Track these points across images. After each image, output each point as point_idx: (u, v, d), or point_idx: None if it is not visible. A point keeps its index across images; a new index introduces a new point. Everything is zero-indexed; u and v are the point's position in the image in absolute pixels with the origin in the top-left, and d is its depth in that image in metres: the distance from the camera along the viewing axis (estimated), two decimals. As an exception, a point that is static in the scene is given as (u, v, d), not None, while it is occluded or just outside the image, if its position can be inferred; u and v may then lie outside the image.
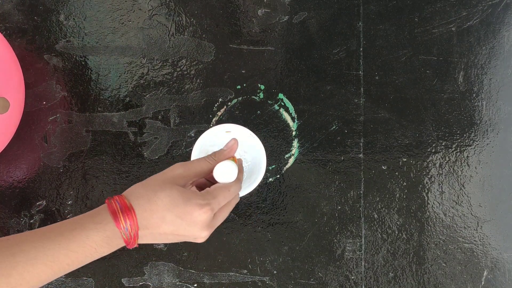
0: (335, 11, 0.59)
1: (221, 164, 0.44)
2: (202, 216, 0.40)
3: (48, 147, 0.58)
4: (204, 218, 0.40)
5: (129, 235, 0.39)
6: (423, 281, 0.58)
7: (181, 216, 0.40)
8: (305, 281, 0.58)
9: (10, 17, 0.58)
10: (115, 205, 0.39)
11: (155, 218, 0.39)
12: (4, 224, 0.57)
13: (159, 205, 0.39)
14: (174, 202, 0.40)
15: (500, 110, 0.59)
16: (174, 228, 0.40)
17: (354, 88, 0.59)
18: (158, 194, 0.40)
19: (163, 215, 0.39)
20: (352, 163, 0.58)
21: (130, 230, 0.39)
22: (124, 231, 0.39)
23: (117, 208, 0.39)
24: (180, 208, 0.39)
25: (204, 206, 0.40)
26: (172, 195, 0.40)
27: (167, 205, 0.39)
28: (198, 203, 0.40)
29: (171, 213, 0.39)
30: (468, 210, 0.59)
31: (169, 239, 0.42)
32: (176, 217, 0.40)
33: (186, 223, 0.40)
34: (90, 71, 0.58)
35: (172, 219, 0.40)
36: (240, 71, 0.58)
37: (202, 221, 0.40)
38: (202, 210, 0.40)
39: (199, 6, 0.59)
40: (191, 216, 0.40)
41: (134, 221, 0.39)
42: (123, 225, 0.38)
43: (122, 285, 0.57)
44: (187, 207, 0.40)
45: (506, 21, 0.59)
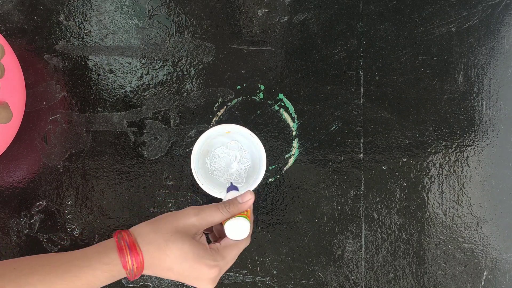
0: (335, 11, 0.59)
1: (234, 221, 0.43)
2: (210, 275, 0.41)
3: (48, 147, 0.58)
4: (212, 277, 0.41)
5: (134, 274, 0.40)
6: (423, 281, 0.58)
7: (189, 271, 0.40)
8: (305, 281, 0.58)
9: (10, 17, 0.58)
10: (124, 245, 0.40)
11: (163, 266, 0.40)
12: (4, 224, 0.57)
13: (168, 256, 0.40)
14: (185, 257, 0.40)
15: (500, 110, 0.59)
16: (179, 277, 0.41)
17: (354, 88, 0.59)
18: (169, 245, 0.40)
19: (171, 266, 0.40)
20: (352, 163, 0.58)
21: (135, 271, 0.40)
22: (129, 271, 0.40)
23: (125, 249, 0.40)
24: (189, 263, 0.40)
25: (213, 267, 0.41)
26: (183, 248, 0.40)
27: (177, 258, 0.40)
28: (207, 264, 0.41)
29: (180, 266, 0.40)
30: (468, 210, 0.59)
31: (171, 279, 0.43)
32: (184, 271, 0.40)
33: (193, 277, 0.41)
34: (90, 71, 0.58)
35: (180, 272, 0.41)
36: (240, 71, 0.58)
37: (209, 279, 0.41)
38: (211, 270, 0.41)
39: (199, 6, 0.59)
40: (199, 273, 0.41)
41: (140, 264, 0.40)
42: (130, 267, 0.39)
43: (122, 285, 0.57)
44: (196, 264, 0.40)
45: (506, 21, 0.59)
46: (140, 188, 0.58)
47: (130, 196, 0.58)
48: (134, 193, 0.58)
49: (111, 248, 0.40)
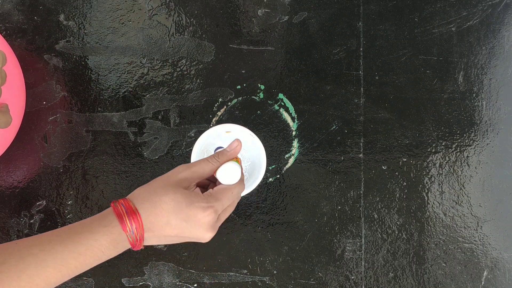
0: (335, 11, 0.59)
1: (224, 166, 0.44)
2: (206, 218, 0.40)
3: (48, 147, 0.58)
4: (208, 220, 0.41)
5: (134, 237, 0.39)
6: (423, 281, 0.58)
7: (185, 219, 0.40)
8: (305, 281, 0.58)
9: (10, 17, 0.58)
10: (121, 208, 0.40)
11: (160, 221, 0.40)
12: (4, 224, 0.57)
13: (163, 209, 0.40)
14: (178, 206, 0.40)
15: (500, 110, 0.59)
16: (179, 231, 0.41)
17: (354, 88, 0.59)
18: (162, 198, 0.40)
19: (168, 219, 0.40)
20: (352, 163, 0.58)
21: (136, 233, 0.39)
22: (130, 234, 0.39)
23: (122, 212, 0.40)
24: (184, 212, 0.40)
25: (208, 208, 0.41)
26: (176, 198, 0.40)
27: (171, 208, 0.40)
28: (201, 206, 0.40)
29: (176, 216, 0.40)
30: (468, 210, 0.59)
31: (173, 241, 0.42)
32: (181, 221, 0.40)
33: (191, 225, 0.41)
34: (90, 71, 0.58)
35: (177, 223, 0.40)
36: (240, 71, 0.58)
37: (206, 223, 0.41)
38: (206, 212, 0.40)
39: (199, 6, 0.59)
40: (195, 218, 0.40)
41: (139, 224, 0.39)
42: (129, 228, 0.39)
43: (122, 285, 0.57)
44: (191, 210, 0.40)
45: (506, 21, 0.59)
46: (140, 188, 0.58)
47: (130, 196, 0.57)
48: (134, 193, 0.58)
49: (109, 212, 0.41)
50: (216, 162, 0.44)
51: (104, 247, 0.39)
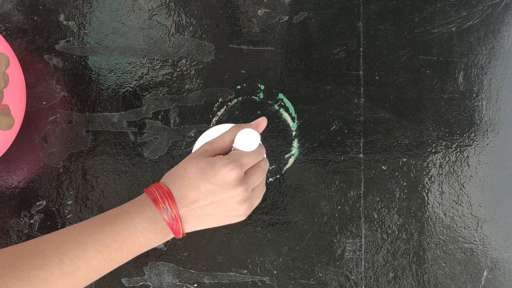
0: (335, 11, 0.59)
1: (242, 131, 0.43)
2: (230, 173, 0.40)
3: (48, 147, 0.58)
4: (233, 176, 0.40)
5: (170, 215, 0.39)
6: (423, 281, 0.58)
7: (211, 181, 0.40)
8: (305, 281, 0.58)
9: (10, 17, 0.58)
10: (153, 190, 0.41)
11: (190, 191, 0.40)
12: (4, 224, 0.57)
13: (190, 178, 0.41)
14: (203, 170, 0.41)
15: (500, 110, 0.59)
16: (210, 195, 0.41)
17: (354, 88, 0.59)
18: (187, 169, 0.41)
19: (196, 185, 0.40)
20: (352, 163, 0.58)
21: (170, 210, 0.39)
22: (164, 211, 0.39)
23: (154, 192, 0.40)
24: (209, 173, 0.40)
25: (229, 163, 0.40)
26: (199, 165, 0.41)
27: (196, 175, 0.41)
28: (223, 163, 0.40)
29: (203, 180, 0.40)
30: (468, 210, 0.59)
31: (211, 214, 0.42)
32: (208, 183, 0.40)
33: (219, 185, 0.40)
34: (90, 71, 0.58)
35: (206, 187, 0.40)
36: (240, 71, 0.58)
37: (231, 179, 0.40)
38: (228, 167, 0.40)
39: (199, 6, 0.59)
40: (219, 176, 0.40)
41: (171, 200, 0.40)
42: (162, 205, 0.39)
43: (122, 285, 0.57)
44: (213, 169, 0.40)
45: (506, 21, 0.59)
46: (140, 188, 0.58)
47: (130, 196, 0.57)
48: (134, 193, 0.58)
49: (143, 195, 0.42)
50: (235, 131, 0.44)
51: (141, 227, 0.39)
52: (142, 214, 0.39)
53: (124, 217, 0.39)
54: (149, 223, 0.39)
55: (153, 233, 0.40)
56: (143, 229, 0.39)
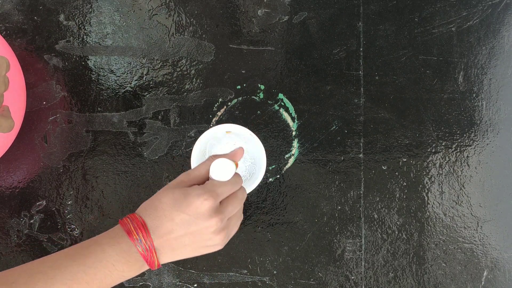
0: (335, 11, 0.59)
1: (216, 161, 0.43)
2: (204, 204, 0.40)
3: (48, 147, 0.58)
4: (207, 206, 0.40)
5: (144, 247, 0.39)
6: (423, 281, 0.58)
7: (185, 211, 0.40)
8: (305, 281, 0.58)
9: (10, 17, 0.58)
10: (127, 221, 0.40)
11: (165, 222, 0.40)
12: (4, 224, 0.57)
13: (165, 209, 0.40)
14: (177, 201, 0.40)
15: (500, 110, 0.59)
16: (185, 226, 0.40)
17: (354, 88, 0.59)
18: (162, 200, 0.41)
19: (171, 216, 0.40)
20: (352, 163, 0.58)
21: (144, 241, 0.39)
22: (138, 243, 0.39)
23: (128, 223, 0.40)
24: (183, 204, 0.40)
25: (203, 194, 0.40)
26: (174, 196, 0.41)
27: (171, 206, 0.40)
28: (197, 193, 0.40)
29: (177, 211, 0.40)
30: (468, 210, 0.59)
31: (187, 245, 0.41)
32: (183, 214, 0.40)
33: (193, 216, 0.40)
34: (90, 71, 0.58)
35: (180, 218, 0.40)
36: (240, 71, 0.58)
37: (206, 209, 0.40)
38: (202, 197, 0.40)
39: (199, 6, 0.59)
40: (194, 207, 0.40)
41: (145, 231, 0.39)
42: (135, 236, 0.39)
43: (122, 285, 0.57)
44: (187, 200, 0.40)
45: (506, 21, 0.59)
46: (140, 188, 0.58)
47: (130, 196, 0.58)
48: (134, 193, 0.58)
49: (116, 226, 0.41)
50: (211, 161, 0.44)
51: (113, 259, 0.38)
52: (114, 245, 0.39)
53: (95, 249, 0.39)
54: (122, 256, 0.39)
55: (127, 265, 0.39)
56: (115, 261, 0.39)
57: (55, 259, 0.38)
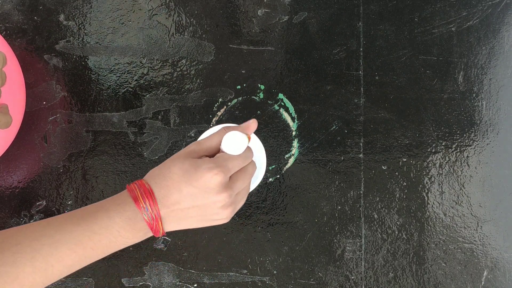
0: (335, 11, 0.59)
1: (229, 134, 0.41)
2: (214, 178, 0.39)
3: (48, 147, 0.58)
4: (217, 181, 0.39)
5: (150, 215, 0.38)
6: (423, 281, 0.58)
7: (194, 184, 0.39)
8: (305, 281, 0.58)
9: (10, 17, 0.58)
10: (134, 187, 0.39)
11: (173, 192, 0.39)
12: (4, 224, 0.57)
13: (174, 179, 0.39)
14: (187, 172, 0.39)
15: (500, 110, 0.59)
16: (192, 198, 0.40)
17: (354, 88, 0.59)
18: (171, 169, 0.40)
19: (179, 187, 0.39)
20: (352, 163, 0.58)
21: (150, 210, 0.38)
22: (144, 211, 0.38)
23: (136, 190, 0.39)
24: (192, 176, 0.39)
25: (214, 168, 0.39)
26: (183, 166, 0.40)
27: (180, 176, 0.39)
28: (207, 167, 0.39)
29: (186, 183, 0.39)
30: (468, 210, 0.59)
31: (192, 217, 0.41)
32: (191, 186, 0.39)
33: (202, 189, 0.39)
34: (90, 71, 0.58)
35: (188, 190, 0.39)
36: (240, 71, 0.58)
37: (215, 184, 0.39)
38: (213, 172, 0.39)
39: (199, 6, 0.59)
40: (203, 181, 0.39)
41: (153, 200, 0.39)
42: (142, 204, 0.38)
43: (122, 285, 0.57)
44: (197, 173, 0.39)
45: (506, 21, 0.59)
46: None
47: (130, 196, 0.57)
48: (134, 193, 0.58)
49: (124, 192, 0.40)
50: (224, 132, 0.43)
51: (119, 226, 0.38)
52: (121, 213, 0.38)
53: (102, 215, 0.38)
54: (127, 223, 0.38)
55: (131, 232, 0.39)
56: (121, 228, 0.38)
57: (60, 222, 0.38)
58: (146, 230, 0.39)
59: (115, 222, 0.38)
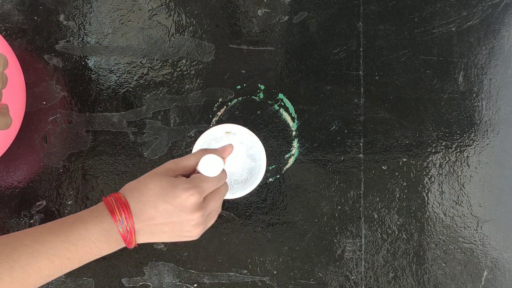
0: (335, 11, 0.59)
1: (206, 157, 0.44)
2: (190, 199, 0.41)
3: (48, 147, 0.58)
4: (193, 201, 0.41)
5: (125, 228, 0.40)
6: (423, 281, 0.58)
7: (170, 202, 0.41)
8: (305, 281, 0.58)
9: (10, 17, 0.58)
10: (111, 200, 0.41)
11: (148, 208, 0.41)
12: (4, 224, 0.57)
13: (150, 195, 0.41)
14: (164, 190, 0.41)
15: (500, 110, 0.59)
16: (167, 215, 0.41)
17: (354, 88, 0.59)
18: (148, 186, 0.42)
19: (155, 204, 0.41)
20: (352, 163, 0.58)
21: (126, 223, 0.40)
22: (120, 224, 0.40)
23: (112, 202, 0.41)
24: (169, 195, 0.41)
25: (190, 189, 0.41)
26: (161, 184, 0.41)
27: (157, 193, 0.41)
28: (184, 187, 0.41)
29: (162, 200, 0.41)
30: (468, 210, 0.59)
31: (165, 232, 0.42)
32: (167, 204, 0.41)
33: (177, 208, 0.41)
34: (90, 71, 0.58)
35: (164, 207, 0.41)
36: (240, 71, 0.58)
37: (191, 204, 0.41)
38: (189, 192, 0.41)
39: (199, 6, 0.59)
40: (179, 200, 0.41)
41: (128, 213, 0.40)
42: (118, 217, 0.40)
43: (122, 285, 0.57)
44: (174, 192, 0.41)
45: (506, 21, 0.59)
46: (140, 188, 0.58)
47: (130, 196, 0.57)
48: (134, 193, 0.58)
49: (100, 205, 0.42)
50: (201, 154, 0.45)
51: (95, 238, 0.39)
52: (98, 225, 0.40)
53: (79, 227, 0.39)
54: (103, 234, 0.40)
55: (107, 243, 0.40)
56: (96, 240, 0.40)
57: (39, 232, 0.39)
58: (120, 241, 0.41)
59: (91, 233, 0.39)
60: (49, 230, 0.39)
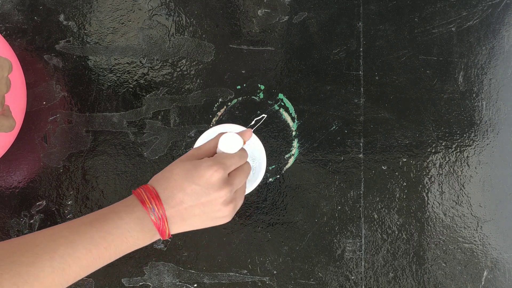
0: (335, 11, 0.59)
1: (225, 135, 0.44)
2: (215, 175, 0.41)
3: (48, 147, 0.58)
4: (218, 177, 0.41)
5: (157, 215, 0.41)
6: (423, 281, 0.58)
7: (197, 182, 0.41)
8: (305, 281, 0.58)
9: (10, 17, 0.58)
10: (140, 191, 0.42)
11: (176, 192, 0.41)
12: (4, 224, 0.57)
13: (176, 180, 0.42)
14: (189, 172, 0.42)
15: (500, 110, 0.59)
16: (195, 196, 0.42)
17: (354, 88, 0.59)
18: (173, 171, 0.42)
19: (182, 187, 0.41)
20: (352, 163, 0.58)
21: (157, 210, 0.41)
22: (151, 212, 0.41)
23: (142, 193, 0.42)
24: (194, 175, 0.42)
25: (214, 165, 0.42)
26: (185, 167, 0.42)
27: (182, 176, 0.42)
28: (207, 165, 0.42)
29: (188, 182, 0.41)
30: (468, 210, 0.59)
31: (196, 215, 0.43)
32: (194, 184, 0.41)
33: (204, 187, 0.41)
34: (90, 71, 0.58)
35: (192, 188, 0.41)
36: (240, 71, 0.58)
37: (216, 180, 0.41)
38: (213, 169, 0.41)
39: (199, 6, 0.59)
40: (205, 178, 0.41)
41: (158, 201, 0.41)
42: (149, 205, 0.41)
43: (122, 285, 0.57)
44: (199, 171, 0.41)
45: (506, 21, 0.59)
46: (140, 188, 0.58)
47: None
48: (134, 193, 0.58)
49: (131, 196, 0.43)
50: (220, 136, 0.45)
51: (129, 226, 0.40)
52: (130, 213, 0.41)
53: (113, 216, 0.40)
54: (137, 223, 0.40)
55: (141, 233, 0.41)
56: (131, 228, 0.40)
57: (76, 224, 0.40)
58: (154, 231, 0.42)
59: (125, 222, 0.40)
60: (84, 222, 0.40)
